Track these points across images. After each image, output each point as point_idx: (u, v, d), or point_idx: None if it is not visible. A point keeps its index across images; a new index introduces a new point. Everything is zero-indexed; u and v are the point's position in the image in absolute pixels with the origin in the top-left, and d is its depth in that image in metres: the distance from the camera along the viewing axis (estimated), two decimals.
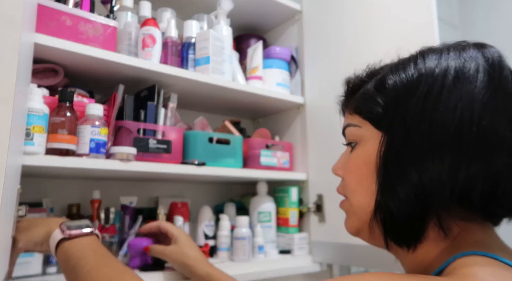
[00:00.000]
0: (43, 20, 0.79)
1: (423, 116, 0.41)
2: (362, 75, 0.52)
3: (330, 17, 1.20)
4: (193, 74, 1.01)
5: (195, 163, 0.99)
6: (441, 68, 0.44)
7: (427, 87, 0.43)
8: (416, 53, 0.48)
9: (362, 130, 0.48)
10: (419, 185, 0.40)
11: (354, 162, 0.49)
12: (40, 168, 0.78)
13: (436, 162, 0.40)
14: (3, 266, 0.53)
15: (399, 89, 0.45)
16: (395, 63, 0.49)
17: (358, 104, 0.49)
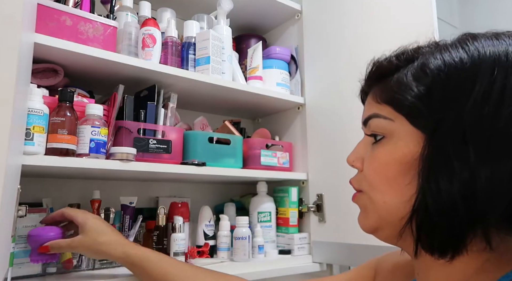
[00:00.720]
0: (43, 20, 0.79)
1: (483, 119, 0.36)
2: (394, 58, 0.45)
3: (330, 17, 1.20)
4: (193, 74, 1.01)
5: (195, 163, 0.99)
6: (504, 53, 0.37)
7: (486, 80, 0.37)
8: (463, 36, 0.42)
9: (395, 125, 0.42)
10: (470, 193, 0.36)
11: (383, 159, 0.43)
12: (40, 168, 0.78)
13: (495, 171, 0.35)
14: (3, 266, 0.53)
15: (448, 81, 0.39)
16: (438, 46, 0.42)
17: (391, 94, 0.42)
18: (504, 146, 0.35)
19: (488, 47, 0.39)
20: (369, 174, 0.45)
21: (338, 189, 1.11)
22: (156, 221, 1.00)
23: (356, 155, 0.48)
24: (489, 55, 0.38)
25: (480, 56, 0.38)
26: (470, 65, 0.38)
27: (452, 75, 0.39)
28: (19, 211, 0.62)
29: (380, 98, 0.44)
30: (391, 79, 0.43)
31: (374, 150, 0.44)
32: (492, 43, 0.39)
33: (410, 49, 0.45)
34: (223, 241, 1.07)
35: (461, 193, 0.36)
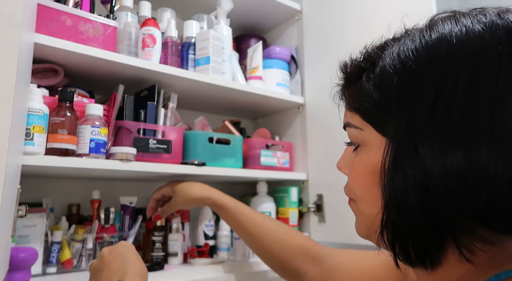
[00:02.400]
0: (43, 20, 0.79)
1: (433, 123, 0.34)
2: (359, 60, 0.43)
3: (330, 17, 1.20)
4: (193, 74, 1.01)
5: (195, 163, 0.99)
6: (459, 44, 0.34)
7: (438, 76, 0.34)
8: (423, 27, 0.39)
9: (364, 133, 0.41)
10: (426, 200, 0.34)
11: (358, 168, 0.42)
12: (40, 168, 0.78)
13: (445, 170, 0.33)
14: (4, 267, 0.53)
15: (401, 83, 0.37)
16: (401, 39, 0.40)
17: (357, 102, 0.41)
18: (454, 145, 0.33)
19: (443, 34, 0.36)
20: (352, 184, 0.44)
21: (338, 189, 1.09)
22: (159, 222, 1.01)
23: (343, 161, 0.47)
24: (442, 45, 0.35)
25: (433, 47, 0.36)
26: (422, 61, 0.36)
27: (405, 77, 0.36)
28: (19, 211, 0.62)
29: (350, 106, 0.43)
30: (358, 84, 0.41)
31: (354, 159, 0.43)
32: (450, 28, 0.36)
33: (376, 48, 0.42)
34: (223, 241, 1.07)
35: (418, 200, 0.34)
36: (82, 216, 1.01)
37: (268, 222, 0.86)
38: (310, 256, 0.77)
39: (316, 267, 0.75)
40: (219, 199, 0.89)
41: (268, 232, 0.83)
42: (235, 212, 0.87)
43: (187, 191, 0.93)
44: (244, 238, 0.88)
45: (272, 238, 0.83)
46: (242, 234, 0.88)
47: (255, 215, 0.87)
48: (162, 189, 0.98)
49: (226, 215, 0.89)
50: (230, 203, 0.88)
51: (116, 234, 0.95)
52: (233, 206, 0.88)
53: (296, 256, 0.79)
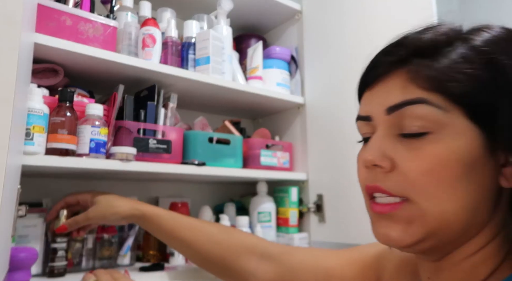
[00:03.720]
0: (43, 20, 0.79)
1: None
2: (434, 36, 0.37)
3: (330, 17, 1.20)
4: (193, 74, 1.01)
5: (195, 163, 0.99)
6: None
7: None
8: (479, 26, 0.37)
9: (448, 117, 0.35)
10: None
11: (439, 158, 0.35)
12: (40, 168, 0.78)
13: None
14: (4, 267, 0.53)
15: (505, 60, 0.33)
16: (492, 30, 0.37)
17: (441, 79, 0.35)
18: None
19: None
20: (418, 178, 0.36)
21: (338, 189, 1.11)
22: None
23: (379, 151, 0.38)
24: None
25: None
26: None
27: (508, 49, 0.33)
28: (19, 211, 0.62)
29: (427, 83, 0.36)
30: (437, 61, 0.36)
31: (417, 147, 0.36)
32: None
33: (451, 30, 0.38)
34: None
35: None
36: None
37: (206, 226, 0.78)
38: (257, 253, 0.71)
39: (267, 264, 0.69)
40: (149, 209, 0.80)
41: (206, 235, 0.76)
42: (168, 221, 0.78)
43: (112, 204, 0.80)
44: (181, 248, 0.79)
45: (211, 240, 0.75)
46: (177, 244, 0.79)
47: (191, 220, 0.79)
48: (80, 195, 0.85)
49: (158, 225, 0.79)
50: (162, 212, 0.80)
51: (116, 234, 0.95)
52: (165, 214, 0.79)
53: (240, 255, 0.72)
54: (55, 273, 0.81)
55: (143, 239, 1.04)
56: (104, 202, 0.81)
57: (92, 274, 0.75)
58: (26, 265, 0.71)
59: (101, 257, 0.92)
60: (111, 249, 0.94)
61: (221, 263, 0.74)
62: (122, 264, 0.95)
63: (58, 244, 0.83)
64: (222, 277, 0.76)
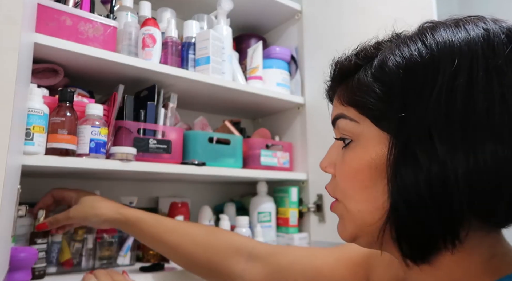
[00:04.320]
0: (43, 20, 0.79)
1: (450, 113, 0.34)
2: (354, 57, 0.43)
3: (330, 17, 1.20)
4: (193, 74, 1.01)
5: (195, 163, 0.99)
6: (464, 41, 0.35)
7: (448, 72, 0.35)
8: (422, 27, 0.40)
9: (361, 127, 0.40)
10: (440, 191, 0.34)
11: (352, 164, 0.41)
12: (40, 168, 0.78)
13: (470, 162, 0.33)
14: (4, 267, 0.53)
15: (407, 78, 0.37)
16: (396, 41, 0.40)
17: (353, 95, 0.41)
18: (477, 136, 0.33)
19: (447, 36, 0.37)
20: (341, 181, 0.43)
21: None
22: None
23: (328, 160, 0.46)
24: (448, 46, 0.36)
25: (439, 47, 0.36)
26: (429, 59, 0.36)
27: (411, 71, 0.37)
28: (19, 211, 0.62)
29: (344, 100, 0.42)
30: (353, 79, 0.41)
31: (344, 155, 0.42)
32: (452, 31, 0.37)
33: (370, 46, 0.43)
34: None
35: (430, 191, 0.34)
36: None
37: (190, 228, 0.77)
38: (244, 253, 0.71)
39: (255, 264, 0.69)
40: (133, 213, 0.79)
41: (191, 237, 0.75)
42: (151, 224, 0.77)
43: (95, 205, 0.80)
44: (166, 252, 0.78)
45: (196, 243, 0.74)
46: (162, 248, 0.78)
47: (175, 223, 0.79)
48: (66, 191, 0.85)
49: (141, 230, 0.78)
50: (145, 216, 0.79)
51: (116, 234, 0.95)
52: (149, 218, 0.78)
53: (227, 256, 0.72)
54: (35, 274, 0.78)
55: None
56: (87, 202, 0.80)
57: (92, 274, 0.75)
58: (26, 265, 0.71)
59: (101, 257, 0.92)
60: (111, 249, 0.94)
61: (207, 266, 0.73)
62: (122, 264, 0.95)
63: (38, 245, 0.81)
64: (210, 279, 0.76)
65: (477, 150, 0.33)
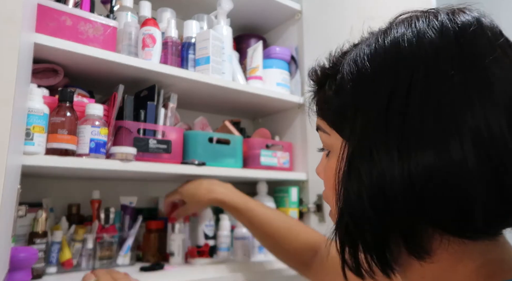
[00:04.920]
0: (43, 20, 0.79)
1: (387, 127, 0.34)
2: (325, 67, 0.43)
3: (330, 17, 1.20)
4: (193, 74, 1.01)
5: (195, 163, 0.99)
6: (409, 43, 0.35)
7: (387, 82, 0.35)
8: (379, 30, 0.40)
9: (332, 139, 0.41)
10: (382, 207, 0.34)
11: (328, 174, 0.42)
12: (40, 168, 0.78)
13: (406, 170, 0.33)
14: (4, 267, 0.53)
15: (355, 91, 0.37)
16: (355, 49, 0.40)
17: (322, 108, 0.42)
18: (412, 147, 0.33)
19: (396, 38, 0.36)
20: (325, 191, 0.44)
21: None
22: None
23: (321, 166, 0.47)
24: (393, 50, 0.36)
25: (385, 52, 0.36)
26: (375, 66, 0.36)
27: (358, 81, 0.37)
28: (19, 211, 0.62)
29: (318, 112, 0.44)
30: (323, 91, 0.42)
31: (326, 164, 0.44)
32: (402, 32, 0.36)
33: (339, 54, 0.43)
34: (223, 241, 1.07)
35: (372, 203, 0.34)
36: (82, 216, 1.01)
37: (277, 220, 0.88)
38: (315, 251, 0.80)
39: (320, 266, 0.78)
40: (227, 200, 0.91)
41: (277, 230, 0.86)
42: (244, 212, 0.89)
43: (194, 196, 0.95)
44: (256, 236, 0.92)
45: (280, 235, 0.86)
46: (253, 232, 0.92)
47: (265, 213, 0.89)
48: (171, 196, 1.00)
49: (236, 214, 0.92)
50: (239, 204, 0.90)
51: (116, 234, 0.95)
52: (242, 207, 0.90)
53: (303, 252, 0.82)
54: (34, 275, 0.78)
55: (143, 239, 1.04)
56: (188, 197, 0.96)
57: (92, 274, 0.75)
58: (26, 265, 0.71)
59: (101, 257, 0.92)
60: (111, 249, 0.94)
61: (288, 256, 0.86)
62: (122, 264, 0.95)
63: (37, 245, 0.81)
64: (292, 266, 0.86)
65: (412, 160, 0.32)
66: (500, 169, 0.31)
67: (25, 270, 0.71)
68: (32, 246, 0.80)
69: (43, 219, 0.83)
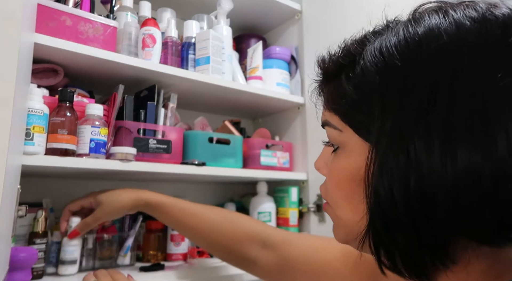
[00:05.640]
0: (43, 20, 0.79)
1: (429, 126, 0.31)
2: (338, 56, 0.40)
3: (330, 17, 1.20)
4: (193, 74, 1.01)
5: (195, 163, 0.99)
6: (450, 39, 0.32)
7: (429, 77, 0.32)
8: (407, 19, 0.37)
9: (344, 136, 0.38)
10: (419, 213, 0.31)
11: (337, 174, 0.39)
12: (40, 168, 0.78)
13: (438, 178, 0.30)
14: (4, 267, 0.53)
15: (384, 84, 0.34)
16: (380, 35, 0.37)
17: (335, 102, 0.39)
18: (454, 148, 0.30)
19: (431, 28, 0.33)
20: (330, 188, 0.41)
21: None
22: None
23: (322, 160, 0.44)
24: (431, 41, 0.32)
25: (421, 43, 0.33)
26: (410, 58, 0.33)
27: (389, 75, 0.33)
28: (19, 211, 0.62)
29: (328, 105, 0.40)
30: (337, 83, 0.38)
31: (333, 161, 0.40)
32: (438, 22, 0.33)
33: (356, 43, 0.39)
34: None
35: (407, 207, 0.31)
36: None
37: (209, 213, 0.80)
38: (259, 241, 0.74)
39: (269, 252, 0.72)
40: (152, 197, 0.82)
41: (209, 222, 0.79)
42: (171, 208, 0.81)
43: (116, 199, 0.82)
44: (186, 234, 0.84)
45: (214, 227, 0.78)
46: (183, 230, 0.83)
47: (195, 207, 0.82)
48: (81, 200, 0.86)
49: (162, 213, 0.82)
50: (165, 200, 0.82)
51: (116, 234, 0.95)
52: (168, 202, 0.81)
53: (242, 242, 0.75)
54: (34, 275, 0.78)
55: (143, 239, 1.04)
56: (107, 200, 0.82)
57: (93, 275, 0.75)
58: (26, 265, 0.71)
59: (101, 257, 0.92)
60: (111, 249, 0.94)
61: (224, 250, 0.78)
62: (122, 264, 0.95)
63: (37, 245, 0.81)
64: (229, 262, 0.80)
65: (456, 162, 0.30)
66: None
67: (25, 270, 0.71)
68: (32, 246, 0.80)
69: (43, 219, 0.83)
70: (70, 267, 0.84)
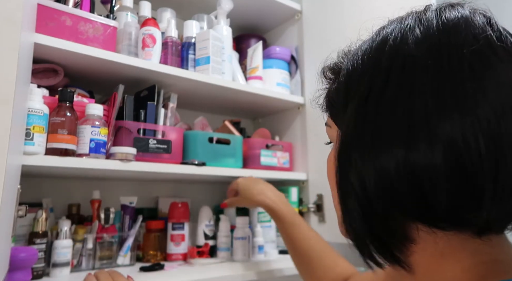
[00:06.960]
0: (43, 20, 0.79)
1: (363, 123, 0.35)
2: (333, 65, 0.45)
3: (330, 17, 1.20)
4: (193, 74, 1.01)
5: (195, 163, 0.99)
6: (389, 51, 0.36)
7: (367, 80, 0.36)
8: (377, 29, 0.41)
9: (331, 131, 0.44)
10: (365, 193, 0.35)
11: (328, 166, 0.45)
12: (40, 168, 0.78)
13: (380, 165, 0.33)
14: (3, 267, 0.53)
15: (346, 87, 0.39)
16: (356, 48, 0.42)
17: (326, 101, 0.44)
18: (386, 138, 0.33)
19: (385, 37, 0.37)
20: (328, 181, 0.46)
21: None
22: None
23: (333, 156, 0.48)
24: (381, 45, 0.37)
25: (375, 47, 0.37)
26: (364, 64, 0.37)
27: (349, 78, 0.39)
28: (19, 211, 0.62)
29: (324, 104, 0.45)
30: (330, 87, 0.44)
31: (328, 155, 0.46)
32: (391, 30, 0.37)
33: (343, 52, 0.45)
34: (223, 241, 1.07)
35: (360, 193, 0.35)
36: (82, 216, 1.01)
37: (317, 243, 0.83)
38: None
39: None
40: (276, 208, 0.87)
41: (315, 253, 0.82)
42: (288, 226, 0.85)
43: (247, 192, 0.92)
44: (291, 252, 0.86)
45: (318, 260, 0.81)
46: (289, 247, 0.86)
47: (308, 232, 0.84)
48: (233, 183, 0.98)
49: (280, 225, 0.88)
50: (286, 216, 0.86)
51: (116, 234, 0.95)
52: (288, 219, 0.85)
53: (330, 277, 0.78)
54: (34, 274, 0.78)
55: (143, 239, 1.04)
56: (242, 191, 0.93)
57: (93, 275, 0.75)
58: (26, 265, 0.71)
59: (101, 257, 0.92)
60: (111, 249, 0.94)
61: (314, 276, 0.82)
62: (122, 264, 0.95)
63: (37, 245, 0.80)
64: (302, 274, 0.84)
65: (383, 157, 0.33)
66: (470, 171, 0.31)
67: (25, 270, 0.71)
68: (32, 246, 0.80)
69: (43, 219, 0.83)
70: (65, 269, 0.83)
